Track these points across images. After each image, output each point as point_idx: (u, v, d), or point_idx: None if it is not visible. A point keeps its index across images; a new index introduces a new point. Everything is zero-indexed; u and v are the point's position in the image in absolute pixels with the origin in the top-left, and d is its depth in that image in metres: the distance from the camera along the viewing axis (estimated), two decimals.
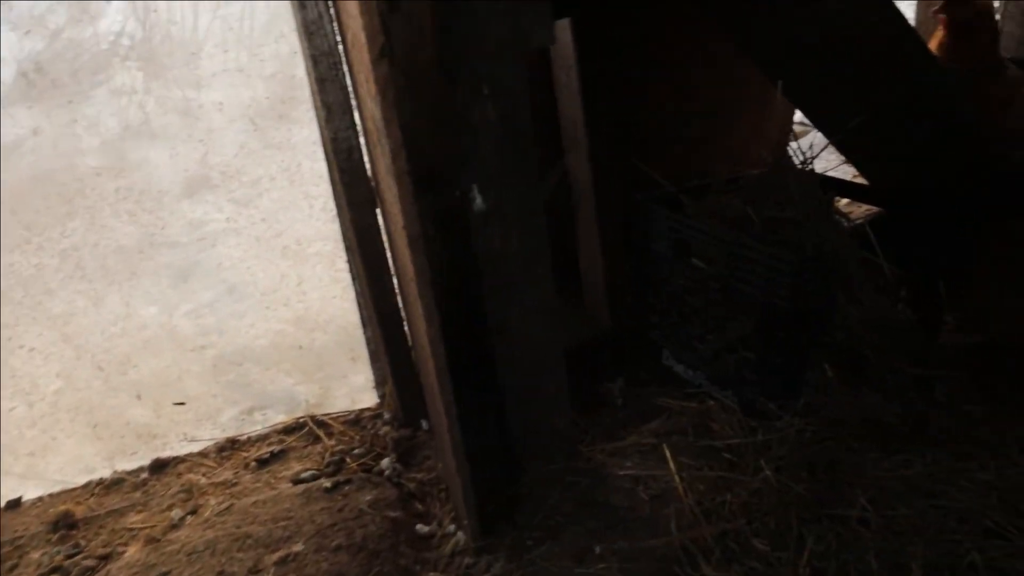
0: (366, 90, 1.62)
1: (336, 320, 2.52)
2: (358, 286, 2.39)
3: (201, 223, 2.31)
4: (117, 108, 2.13)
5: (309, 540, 1.90)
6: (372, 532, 1.91)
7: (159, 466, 2.41)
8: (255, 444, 2.47)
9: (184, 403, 2.44)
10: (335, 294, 2.46)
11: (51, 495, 2.37)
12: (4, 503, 2.36)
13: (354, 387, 2.63)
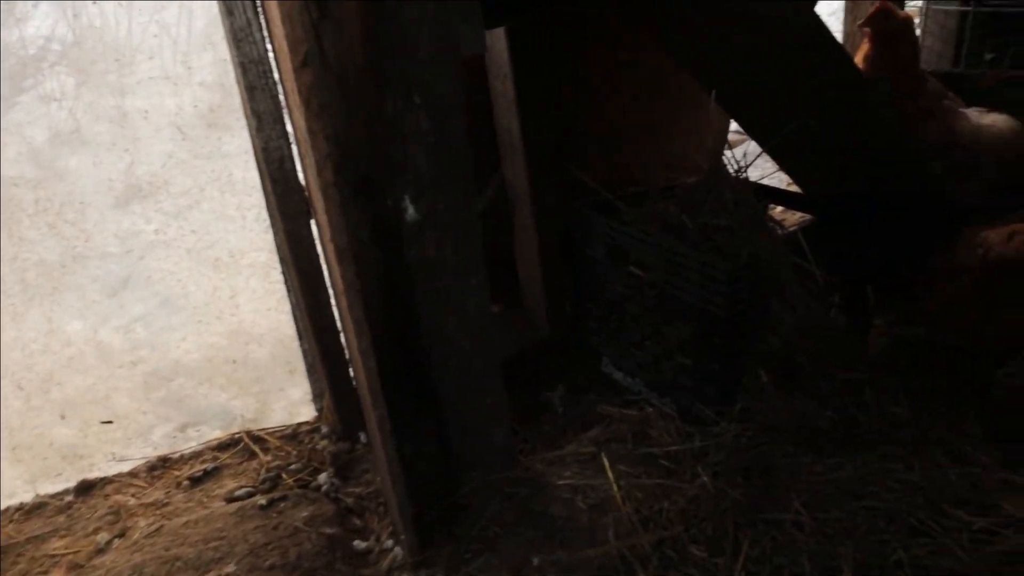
0: (293, 99, 1.59)
1: (272, 333, 2.46)
2: (293, 298, 2.34)
3: (129, 235, 2.23)
4: (45, 115, 2.05)
5: (242, 561, 1.85)
6: (307, 550, 1.87)
7: (85, 488, 2.31)
8: (188, 462, 2.39)
9: (112, 421, 2.35)
10: (270, 306, 2.41)
11: None
12: None
13: (292, 401, 2.57)
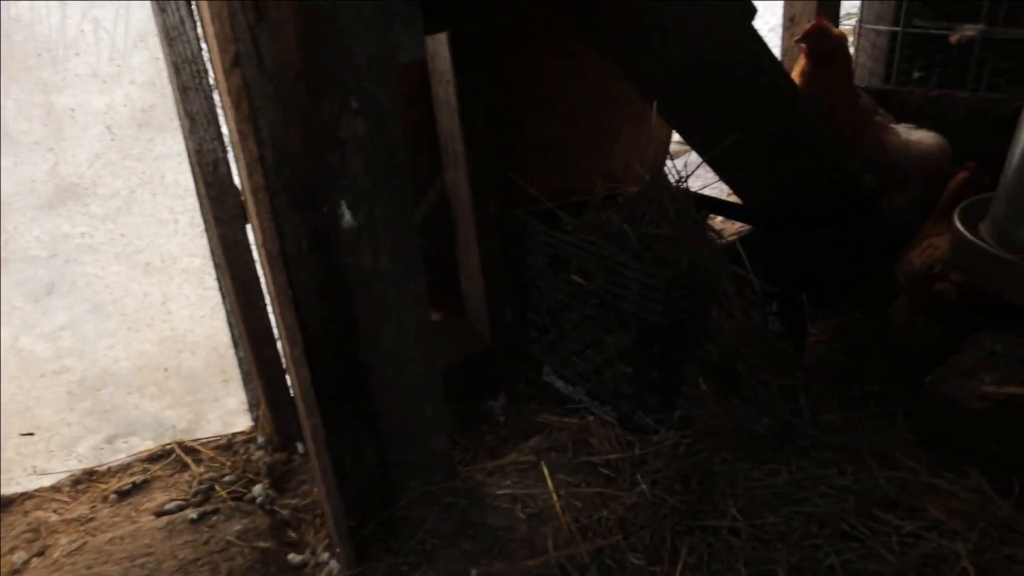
0: (225, 101, 1.55)
1: (206, 340, 2.39)
2: (229, 305, 2.28)
3: (54, 239, 2.14)
4: None
5: None
6: (239, 565, 1.81)
7: (2, 504, 2.20)
8: (115, 475, 2.30)
9: (33, 433, 2.24)
10: (204, 313, 2.33)
11: None
12: None
13: (227, 410, 2.50)
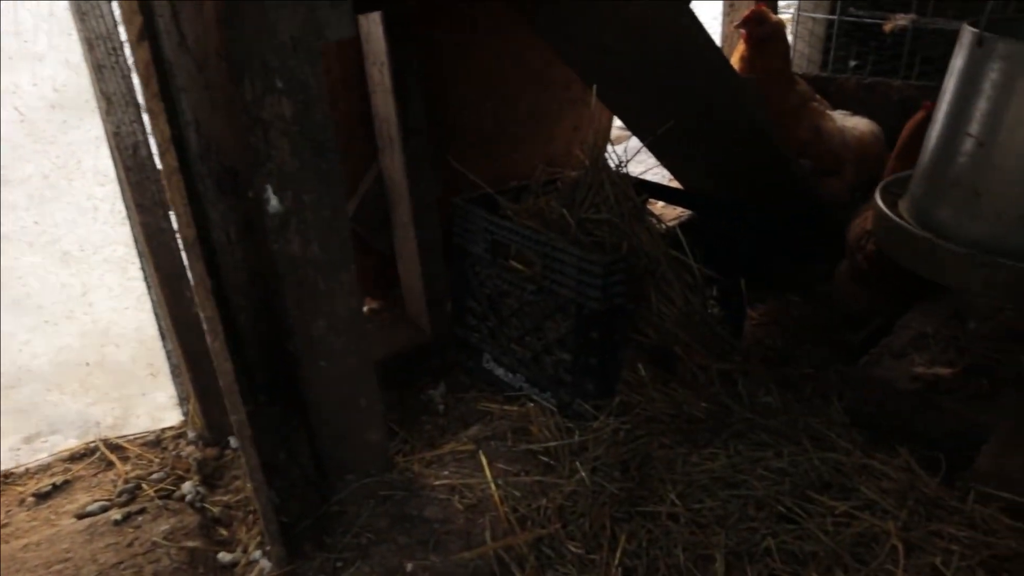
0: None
1: (131, 333, 2.28)
2: (154, 295, 2.18)
3: None
4: None
5: None
6: (165, 567, 1.74)
7: None
8: (34, 476, 2.19)
9: None
10: (128, 304, 2.23)
11: None
12: None
13: (156, 405, 2.40)
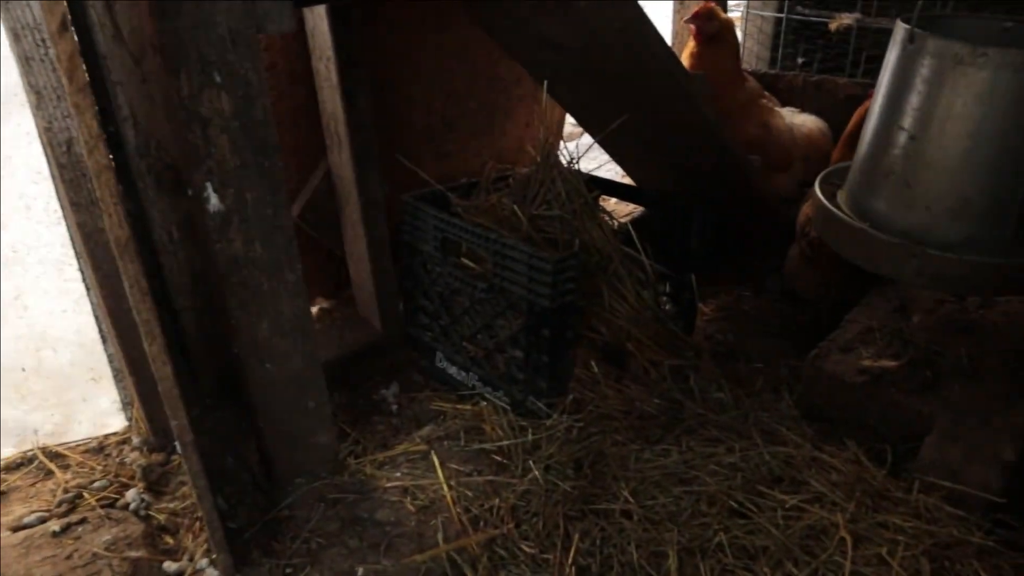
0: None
1: (70, 336, 2.20)
2: (93, 297, 2.10)
3: None
4: None
5: None
6: None
7: None
8: None
9: None
10: (66, 307, 2.15)
11: None
12: None
13: (98, 411, 2.32)
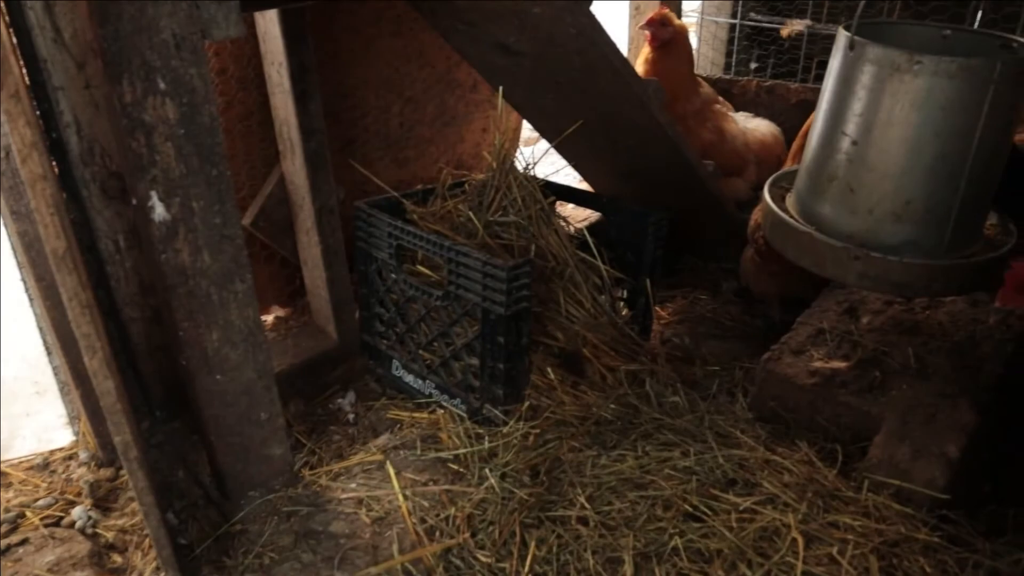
0: None
1: (12, 349, 2.14)
2: (36, 308, 2.04)
3: None
4: None
5: None
6: None
7: None
8: None
9: None
10: (7, 319, 2.09)
11: None
12: None
13: (43, 425, 2.25)
